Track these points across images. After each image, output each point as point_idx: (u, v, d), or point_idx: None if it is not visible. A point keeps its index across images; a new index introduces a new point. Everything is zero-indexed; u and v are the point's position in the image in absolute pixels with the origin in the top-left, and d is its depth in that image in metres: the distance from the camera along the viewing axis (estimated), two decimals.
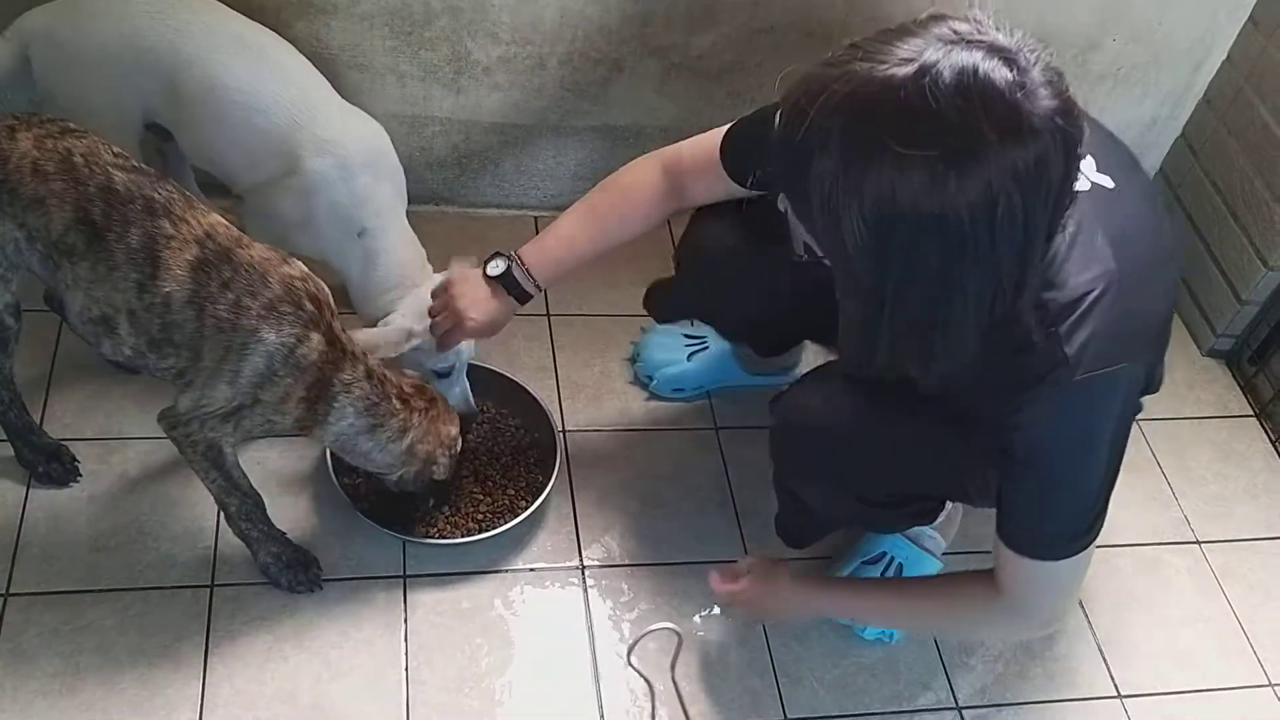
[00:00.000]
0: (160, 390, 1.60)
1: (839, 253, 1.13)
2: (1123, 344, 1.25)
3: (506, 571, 1.86)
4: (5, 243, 1.47)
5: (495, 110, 2.29)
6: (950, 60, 1.02)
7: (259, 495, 1.68)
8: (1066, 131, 1.05)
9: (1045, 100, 1.04)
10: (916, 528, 1.87)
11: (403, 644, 1.73)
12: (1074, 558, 1.36)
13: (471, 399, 1.93)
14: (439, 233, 2.37)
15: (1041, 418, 1.27)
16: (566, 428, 2.08)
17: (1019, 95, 1.02)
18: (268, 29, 1.84)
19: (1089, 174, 1.29)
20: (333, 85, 2.15)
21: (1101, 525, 1.37)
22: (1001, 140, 1.02)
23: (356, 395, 1.59)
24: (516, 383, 2.03)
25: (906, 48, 1.05)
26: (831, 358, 1.80)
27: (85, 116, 1.76)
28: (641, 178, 1.68)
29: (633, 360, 2.20)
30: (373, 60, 2.16)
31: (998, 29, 1.07)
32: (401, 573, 1.82)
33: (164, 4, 1.74)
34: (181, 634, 1.69)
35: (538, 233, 1.67)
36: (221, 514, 1.71)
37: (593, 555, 1.91)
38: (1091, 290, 1.23)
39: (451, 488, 1.87)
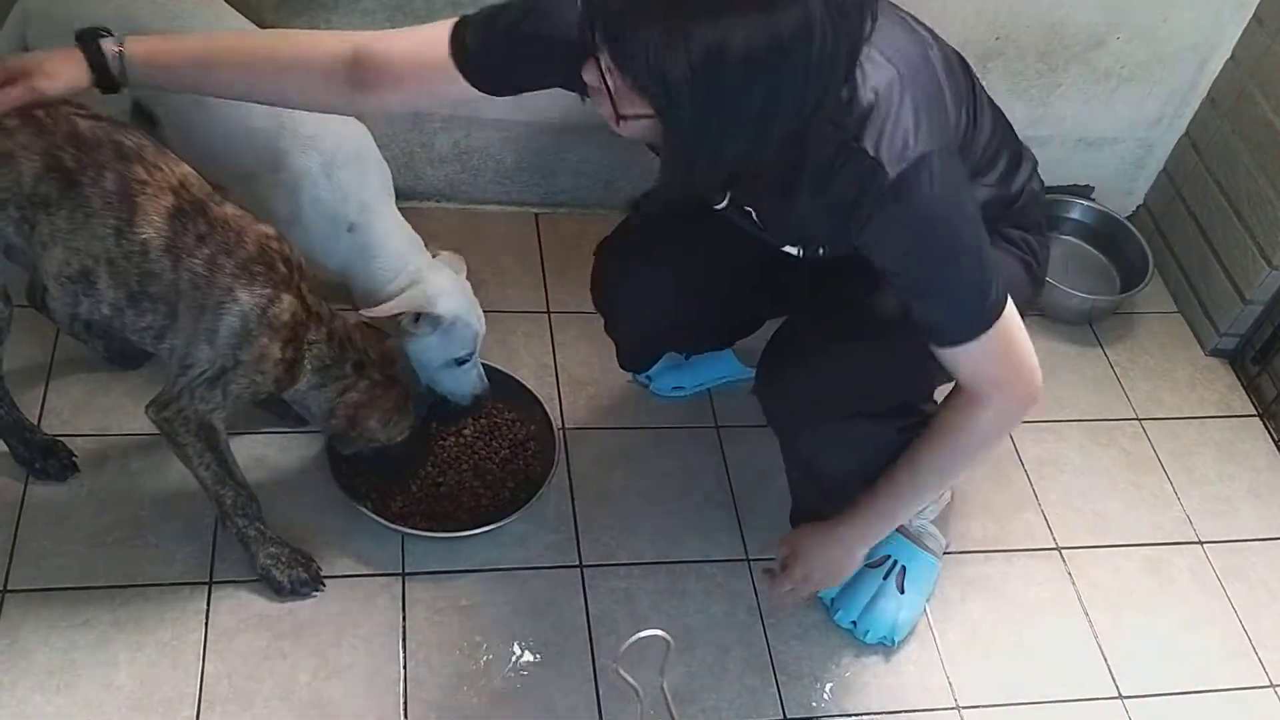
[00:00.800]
0: (155, 388, 1.60)
1: (659, 96, 1.15)
2: (925, 127, 1.31)
3: (505, 569, 1.85)
4: None
5: (497, 106, 2.26)
6: None
7: (253, 492, 1.67)
8: None
9: None
10: (916, 523, 1.88)
11: (401, 641, 1.73)
12: (995, 325, 1.39)
13: (485, 378, 1.94)
14: (441, 230, 2.37)
15: (883, 220, 1.33)
16: (566, 425, 2.07)
17: None
18: (259, 27, 1.85)
19: None
20: None
21: (1004, 291, 1.40)
22: None
23: (314, 354, 1.61)
24: (513, 377, 2.03)
25: None
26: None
27: None
28: (324, 43, 1.48)
29: None
30: None
31: None
32: (400, 570, 1.81)
33: None
34: (179, 631, 1.68)
35: (539, 229, 1.65)
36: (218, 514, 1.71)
37: (592, 553, 1.90)
38: (877, 95, 1.29)
39: (418, 466, 1.90)
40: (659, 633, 1.76)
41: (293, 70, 1.47)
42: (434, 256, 1.90)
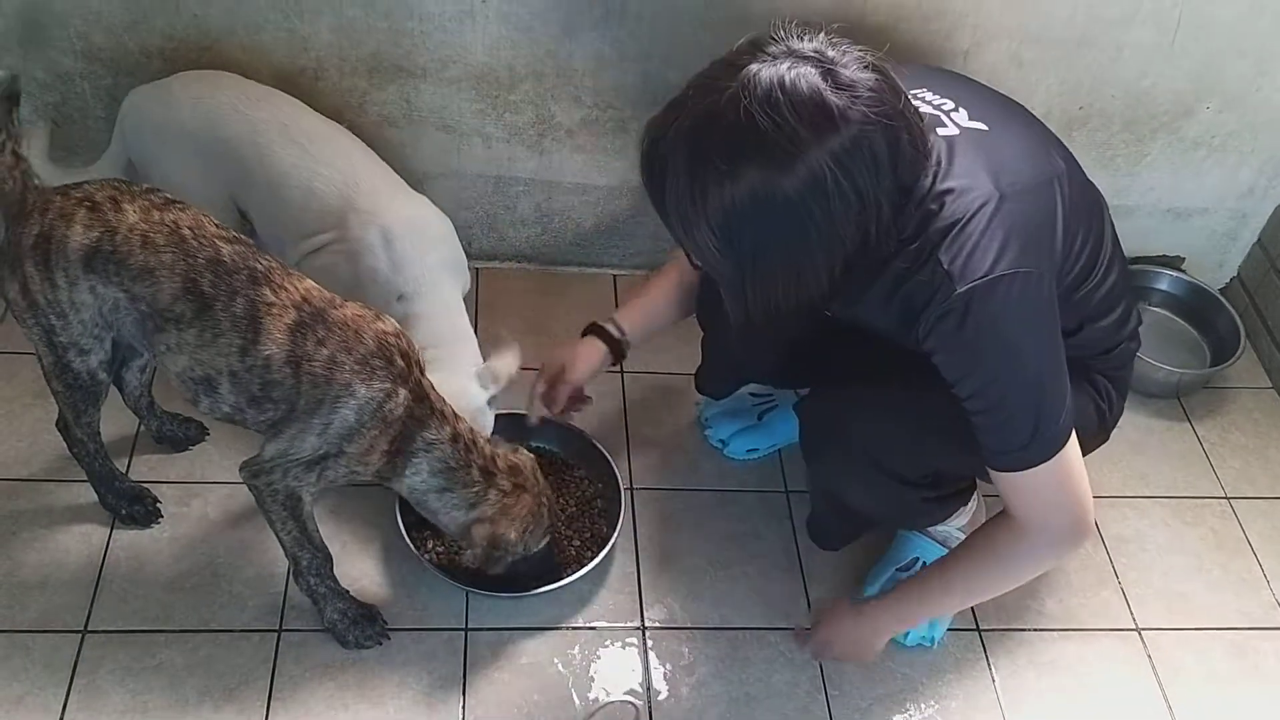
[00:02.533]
0: (241, 438, 1.66)
1: (701, 256, 1.33)
2: (1010, 252, 1.34)
3: (567, 628, 1.86)
4: (105, 302, 1.53)
5: (577, 171, 2.34)
6: (761, 78, 1.21)
7: (328, 551, 1.71)
8: (880, 108, 1.22)
9: (860, 85, 1.22)
10: (944, 529, 1.86)
11: (461, 697, 1.74)
12: (1049, 462, 1.41)
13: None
14: (521, 289, 2.43)
15: (943, 331, 1.38)
16: (635, 485, 2.08)
17: (826, 93, 1.21)
18: (337, 124, 2.00)
19: (961, 122, 1.44)
20: (420, 146, 2.25)
21: (1066, 424, 1.41)
22: (816, 134, 1.20)
23: (436, 456, 1.61)
24: (583, 434, 2.05)
25: (726, 77, 1.23)
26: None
27: (173, 190, 1.91)
28: (684, 262, 1.77)
29: (702, 427, 2.20)
30: (460, 122, 2.23)
31: (801, 38, 1.26)
32: (464, 625, 1.83)
33: (247, 100, 1.92)
34: (247, 677, 1.72)
35: (616, 291, 1.75)
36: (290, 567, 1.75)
37: (654, 616, 1.90)
38: (967, 213, 1.34)
39: (553, 574, 1.85)
40: (629, 699, 1.76)
41: (689, 285, 1.85)
42: (492, 348, 1.89)
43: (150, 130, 1.94)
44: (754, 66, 1.22)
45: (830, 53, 1.25)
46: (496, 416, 1.88)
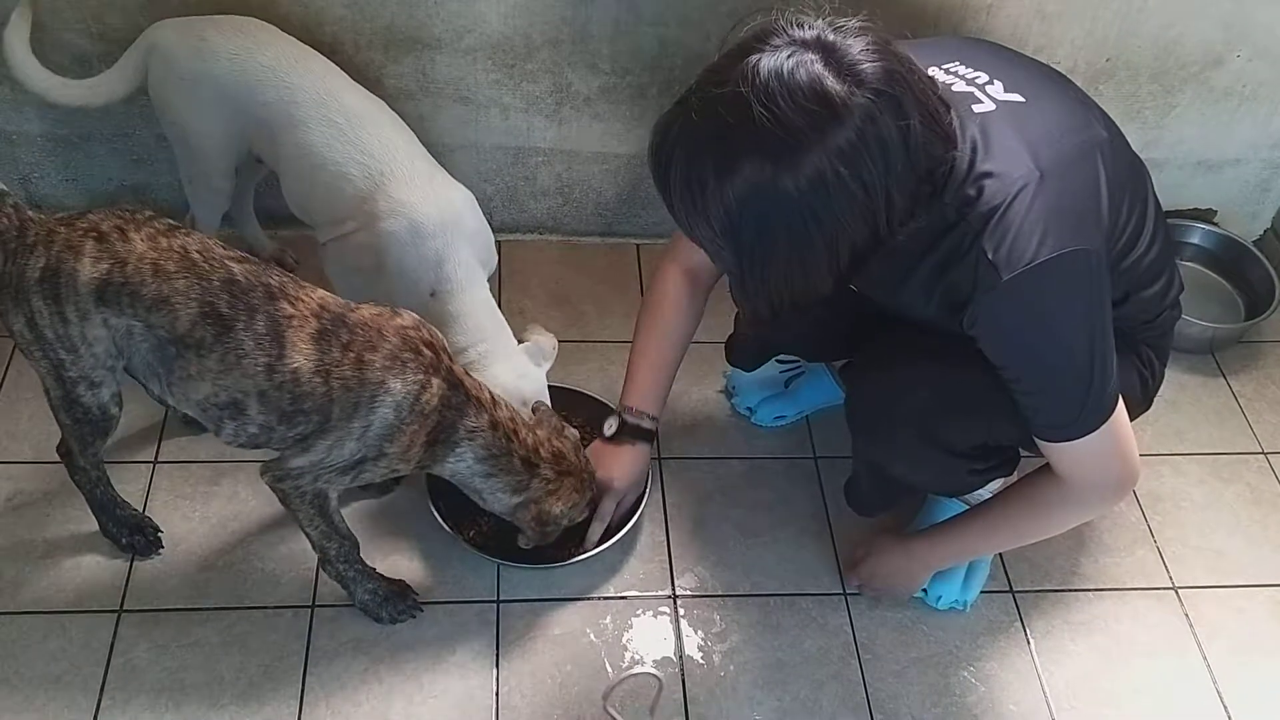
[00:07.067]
0: None
1: (705, 249, 1.33)
2: (1054, 234, 1.31)
3: (598, 599, 1.86)
4: (118, 332, 1.49)
5: (596, 139, 2.32)
6: (761, 70, 1.17)
7: (355, 538, 1.71)
8: (888, 93, 1.18)
9: (866, 69, 1.17)
10: (978, 495, 1.85)
11: (494, 669, 1.75)
12: (1097, 431, 1.41)
13: None
14: (543, 261, 2.42)
15: (989, 320, 1.37)
16: (663, 455, 2.07)
17: (827, 82, 1.16)
18: (375, 97, 1.91)
19: (997, 95, 1.41)
20: (438, 118, 2.23)
21: (1113, 395, 1.41)
22: (817, 128, 1.16)
23: (479, 444, 1.61)
24: (611, 406, 2.03)
25: (729, 70, 1.19)
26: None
27: (189, 136, 1.89)
28: (665, 289, 1.82)
29: (729, 395, 2.19)
30: (477, 93, 2.21)
31: (799, 26, 1.21)
32: (496, 597, 1.84)
33: (288, 64, 1.83)
34: (282, 653, 1.73)
35: (639, 261, 1.69)
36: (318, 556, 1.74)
37: (685, 584, 1.89)
38: (1008, 197, 1.31)
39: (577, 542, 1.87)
40: (651, 671, 1.76)
41: (682, 319, 1.84)
42: (526, 335, 1.89)
43: (178, 77, 1.85)
44: (754, 57, 1.19)
45: (832, 37, 1.20)
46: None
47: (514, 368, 1.83)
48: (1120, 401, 1.43)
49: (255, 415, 1.52)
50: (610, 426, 1.84)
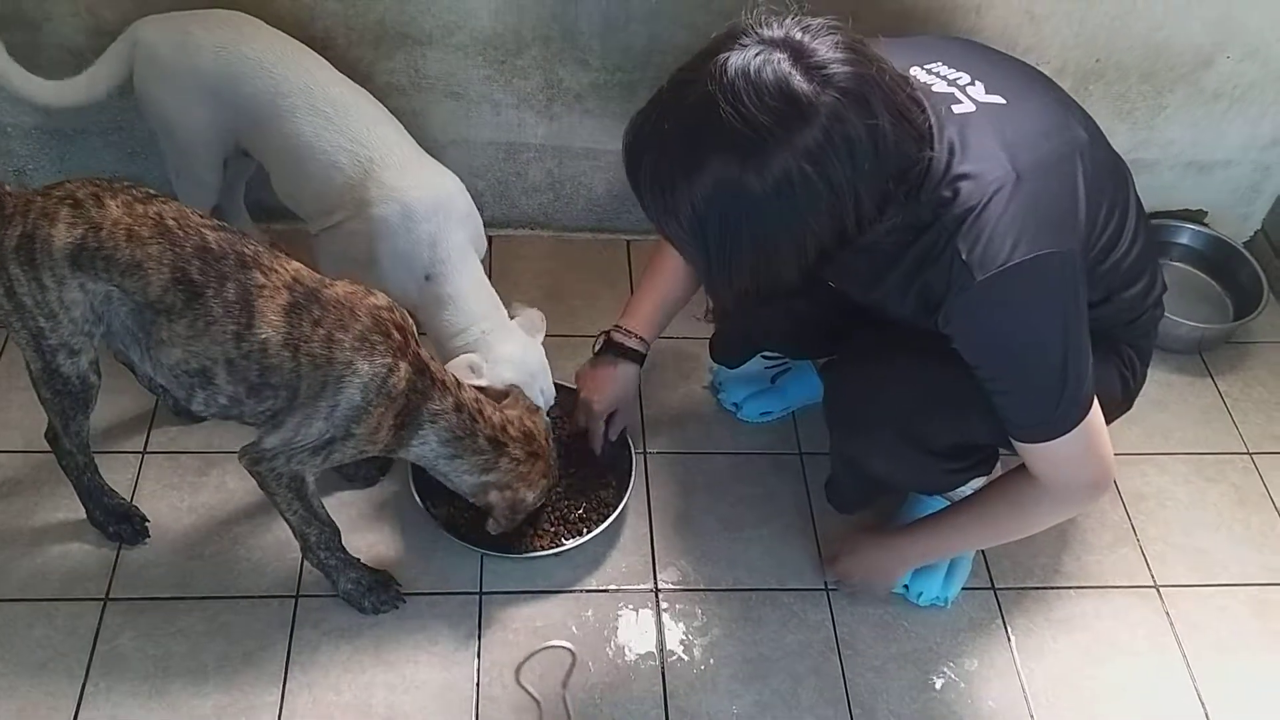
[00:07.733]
0: None
1: (674, 245, 1.34)
2: (1029, 237, 1.32)
3: (581, 591, 1.87)
4: (95, 297, 1.50)
5: (587, 135, 2.33)
6: (728, 69, 1.18)
7: (335, 524, 1.72)
8: (856, 93, 1.18)
9: (834, 69, 1.18)
10: (962, 490, 1.85)
11: (475, 659, 1.76)
12: (1071, 432, 1.42)
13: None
14: (534, 256, 2.43)
15: (963, 321, 1.38)
16: (648, 450, 2.08)
17: (794, 81, 1.17)
18: (361, 88, 1.92)
19: (978, 97, 1.41)
20: (430, 114, 2.24)
21: (1088, 396, 1.42)
22: (783, 127, 1.17)
23: (442, 426, 1.62)
24: None
25: (699, 69, 1.20)
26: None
27: (175, 130, 1.90)
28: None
29: (715, 391, 2.20)
30: (468, 89, 2.22)
31: (768, 25, 1.22)
32: (478, 589, 1.85)
33: (274, 56, 1.84)
34: (266, 642, 1.75)
35: (630, 257, 1.72)
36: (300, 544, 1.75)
37: (667, 578, 1.91)
38: (983, 198, 1.32)
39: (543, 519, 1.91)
40: (564, 644, 1.79)
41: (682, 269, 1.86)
42: (512, 313, 1.90)
43: (162, 73, 1.86)
44: (723, 56, 1.19)
45: (800, 36, 1.20)
46: None
47: (518, 346, 1.86)
48: (1096, 403, 1.44)
49: (224, 385, 1.53)
50: (596, 344, 1.87)
